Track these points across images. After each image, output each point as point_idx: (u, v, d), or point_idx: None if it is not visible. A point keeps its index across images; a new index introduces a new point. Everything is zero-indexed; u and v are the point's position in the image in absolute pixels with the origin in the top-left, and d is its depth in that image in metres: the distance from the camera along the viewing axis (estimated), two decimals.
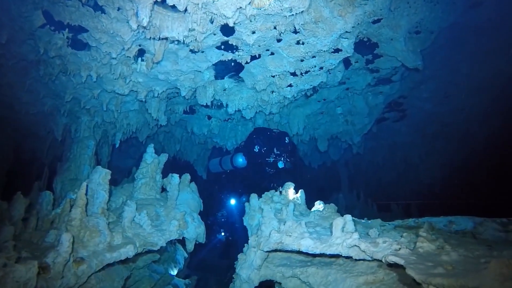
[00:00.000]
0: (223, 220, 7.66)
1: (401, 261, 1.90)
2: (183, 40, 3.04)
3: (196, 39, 3.15)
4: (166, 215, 3.80)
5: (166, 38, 3.02)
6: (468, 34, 5.13)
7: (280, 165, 5.18)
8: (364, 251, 2.45)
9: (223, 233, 7.97)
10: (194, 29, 2.99)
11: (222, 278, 7.29)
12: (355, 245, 2.52)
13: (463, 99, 6.94)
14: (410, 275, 1.72)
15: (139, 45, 3.41)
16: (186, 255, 5.79)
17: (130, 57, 3.42)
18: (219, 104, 5.24)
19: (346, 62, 4.73)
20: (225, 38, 3.43)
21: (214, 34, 3.32)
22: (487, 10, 4.53)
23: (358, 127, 6.54)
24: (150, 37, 2.99)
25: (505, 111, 7.04)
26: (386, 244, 2.37)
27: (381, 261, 2.61)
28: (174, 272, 5.37)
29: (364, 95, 5.93)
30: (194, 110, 5.65)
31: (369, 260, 2.68)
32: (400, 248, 2.15)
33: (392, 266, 2.48)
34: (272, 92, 4.53)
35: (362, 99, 5.97)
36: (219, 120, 5.96)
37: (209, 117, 5.94)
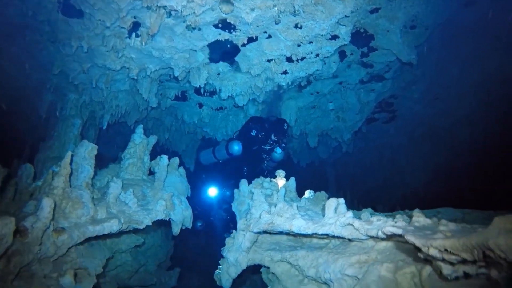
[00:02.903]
0: (228, 217, 6.56)
1: (398, 231, 1.86)
2: (181, 11, 2.96)
3: (194, 12, 3.07)
4: (153, 195, 3.67)
5: (164, 7, 2.93)
6: (460, 35, 5.24)
7: (278, 151, 5.03)
8: (357, 230, 2.40)
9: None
10: (193, 0, 2.92)
11: (205, 272, 7.15)
12: (349, 224, 2.47)
13: (452, 102, 7.08)
14: (409, 240, 1.67)
15: (134, 17, 3.30)
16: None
17: (124, 28, 3.31)
18: (211, 90, 5.16)
19: (342, 54, 4.75)
20: (223, 16, 3.37)
21: (213, 10, 3.26)
22: (480, 10, 4.64)
23: (349, 124, 6.57)
24: (147, 6, 2.90)
25: (491, 117, 7.21)
26: (380, 222, 2.33)
27: (374, 240, 2.59)
28: (156, 262, 5.21)
29: (357, 91, 5.97)
30: (185, 97, 5.55)
31: (361, 242, 2.65)
32: (396, 222, 2.12)
33: (388, 242, 2.45)
34: (267, 78, 4.48)
35: (354, 95, 6.00)
36: (210, 108, 5.86)
37: (201, 105, 5.84)
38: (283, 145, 5.16)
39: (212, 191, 6.46)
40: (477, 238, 1.33)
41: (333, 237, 2.74)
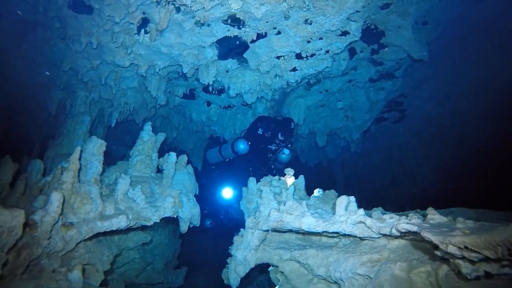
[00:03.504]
0: (237, 216, 6.33)
1: (413, 228, 1.80)
2: (190, 6, 2.94)
3: (203, 7, 3.05)
4: (161, 193, 3.66)
5: (173, 2, 2.91)
6: (471, 32, 5.13)
7: (286, 152, 4.98)
8: (369, 227, 2.34)
9: None
10: None
11: (212, 271, 7.13)
12: (361, 222, 2.41)
13: (462, 101, 6.94)
14: (426, 237, 1.61)
15: (143, 13, 3.29)
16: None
17: (133, 24, 3.30)
18: (220, 88, 5.14)
19: (351, 51, 4.68)
20: (233, 11, 3.34)
21: (222, 5, 3.23)
22: (491, 7, 4.53)
23: (358, 123, 6.48)
24: (156, 1, 2.88)
25: (502, 116, 7.03)
26: (393, 219, 2.27)
27: (386, 239, 2.52)
28: (164, 261, 5.20)
29: (366, 90, 5.89)
30: (194, 95, 5.53)
31: (373, 241, 2.58)
32: (410, 219, 2.06)
33: (401, 241, 2.38)
34: (276, 76, 4.44)
35: (364, 93, 5.92)
36: (218, 107, 5.84)
37: (209, 104, 5.82)
38: (290, 145, 5.11)
39: (227, 193, 6.28)
40: (501, 234, 1.27)
41: (344, 235, 2.68)
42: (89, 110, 4.67)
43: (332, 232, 2.60)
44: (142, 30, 3.59)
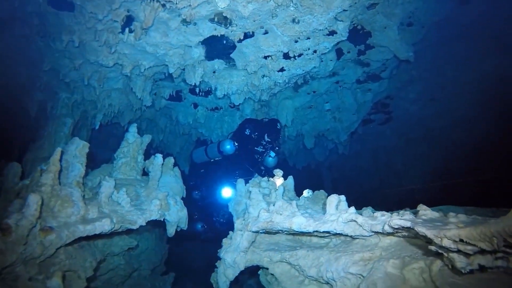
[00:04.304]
0: (224, 220, 6.22)
1: (407, 223, 1.77)
2: (176, 3, 2.87)
3: (190, 4, 2.99)
4: (147, 195, 3.54)
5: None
6: (456, 34, 5.24)
7: (272, 155, 4.95)
8: (361, 225, 2.31)
9: None
10: None
11: (200, 277, 6.98)
12: (352, 220, 2.38)
13: (448, 103, 7.07)
14: (420, 231, 1.58)
15: (128, 10, 3.20)
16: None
17: (117, 21, 3.20)
18: (207, 89, 5.06)
19: (339, 52, 4.70)
20: (219, 9, 3.29)
21: (208, 3, 3.18)
22: (475, 9, 4.64)
23: (345, 124, 6.51)
24: None
25: (488, 117, 7.19)
26: (385, 217, 2.25)
27: (378, 237, 2.49)
28: (150, 267, 5.05)
29: (353, 91, 5.93)
30: (180, 97, 5.44)
31: (364, 239, 2.55)
32: (403, 216, 2.03)
33: (392, 239, 2.36)
34: (263, 76, 4.40)
35: (351, 94, 5.96)
36: (205, 109, 5.76)
37: (196, 106, 5.74)
38: (277, 148, 5.08)
39: (227, 192, 6.10)
40: (497, 225, 1.24)
41: (335, 234, 2.65)
42: (72, 112, 4.51)
43: (323, 232, 2.56)
44: (127, 29, 3.49)
